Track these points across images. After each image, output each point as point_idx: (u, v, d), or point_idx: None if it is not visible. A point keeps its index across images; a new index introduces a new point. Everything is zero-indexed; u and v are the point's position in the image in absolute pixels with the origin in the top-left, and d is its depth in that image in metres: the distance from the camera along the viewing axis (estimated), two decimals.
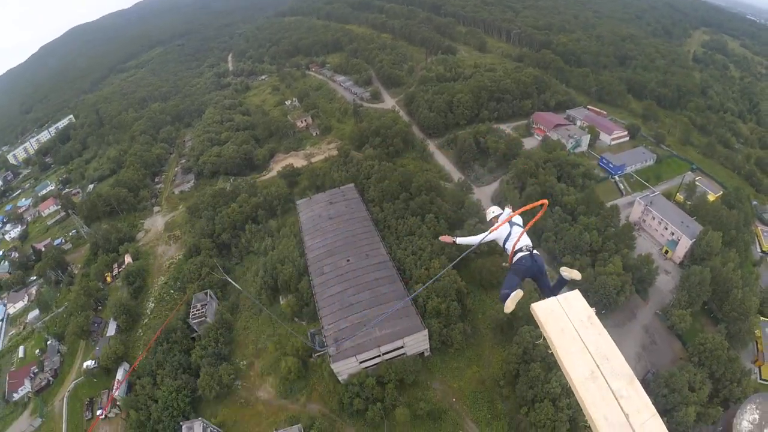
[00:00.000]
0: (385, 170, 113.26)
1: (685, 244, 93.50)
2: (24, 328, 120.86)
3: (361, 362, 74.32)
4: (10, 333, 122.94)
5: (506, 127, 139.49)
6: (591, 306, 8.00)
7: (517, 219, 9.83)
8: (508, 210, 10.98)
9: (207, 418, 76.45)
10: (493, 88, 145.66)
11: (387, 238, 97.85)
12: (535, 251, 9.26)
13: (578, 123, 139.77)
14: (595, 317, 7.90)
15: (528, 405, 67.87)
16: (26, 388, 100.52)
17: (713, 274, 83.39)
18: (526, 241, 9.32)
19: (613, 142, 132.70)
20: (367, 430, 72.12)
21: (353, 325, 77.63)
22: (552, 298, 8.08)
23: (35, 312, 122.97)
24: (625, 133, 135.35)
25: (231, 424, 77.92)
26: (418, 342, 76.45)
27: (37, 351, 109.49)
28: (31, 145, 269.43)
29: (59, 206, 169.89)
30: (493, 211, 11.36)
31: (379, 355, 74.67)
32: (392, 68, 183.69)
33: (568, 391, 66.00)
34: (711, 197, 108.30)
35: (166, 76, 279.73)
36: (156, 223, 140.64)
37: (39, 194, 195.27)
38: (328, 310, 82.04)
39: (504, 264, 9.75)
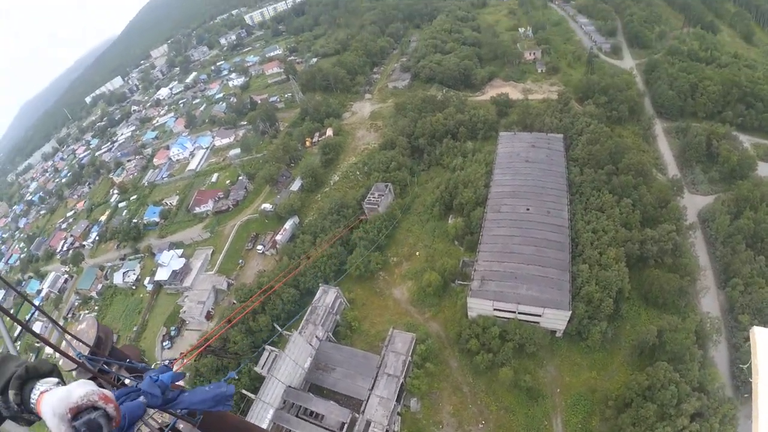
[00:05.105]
0: (600, 133, 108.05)
1: None
2: (223, 160, 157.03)
3: (495, 309, 78.80)
4: (210, 160, 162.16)
5: (746, 140, 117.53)
6: None
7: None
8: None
9: (343, 291, 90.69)
10: (748, 88, 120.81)
11: (574, 204, 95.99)
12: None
13: None
14: None
15: None
16: (208, 207, 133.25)
17: None
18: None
19: None
20: (469, 370, 78.04)
21: (506, 271, 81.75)
22: None
23: (237, 150, 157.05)
24: None
25: (359, 305, 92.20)
26: (556, 319, 77.00)
27: (228, 181, 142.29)
28: (268, 11, 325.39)
29: (282, 70, 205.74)
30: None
31: (515, 312, 77.80)
32: (642, 26, 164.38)
33: None
34: None
35: None
36: (363, 108, 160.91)
37: (266, 55, 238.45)
38: (488, 247, 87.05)
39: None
